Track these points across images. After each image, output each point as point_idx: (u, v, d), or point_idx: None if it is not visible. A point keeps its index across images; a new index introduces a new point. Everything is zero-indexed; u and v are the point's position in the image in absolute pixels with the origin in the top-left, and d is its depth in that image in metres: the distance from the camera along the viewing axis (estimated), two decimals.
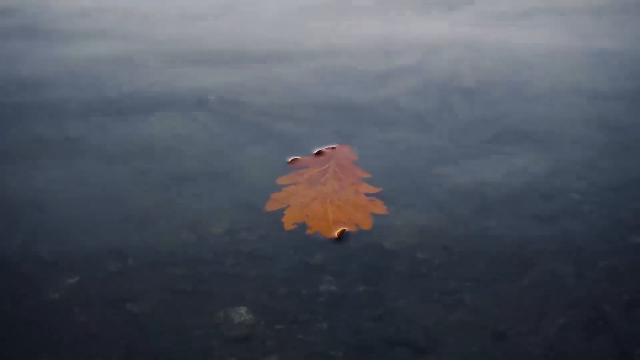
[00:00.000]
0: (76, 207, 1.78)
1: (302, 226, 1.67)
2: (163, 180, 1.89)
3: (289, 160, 1.92)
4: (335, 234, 1.64)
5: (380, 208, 1.73)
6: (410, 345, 1.36)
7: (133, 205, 1.78)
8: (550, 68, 2.61)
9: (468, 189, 1.82)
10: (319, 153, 1.94)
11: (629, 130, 2.12)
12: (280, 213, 1.72)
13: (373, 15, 3.29)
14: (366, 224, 1.67)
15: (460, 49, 2.79)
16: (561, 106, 2.30)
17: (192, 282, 1.52)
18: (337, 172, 1.85)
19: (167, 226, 1.70)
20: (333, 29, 3.09)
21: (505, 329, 1.39)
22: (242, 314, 1.44)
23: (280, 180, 1.83)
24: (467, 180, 1.86)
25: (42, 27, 3.16)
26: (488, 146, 2.03)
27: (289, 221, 1.69)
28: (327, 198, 1.74)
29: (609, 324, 1.40)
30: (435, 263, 1.57)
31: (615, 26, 3.06)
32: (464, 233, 1.66)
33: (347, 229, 1.65)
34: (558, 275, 1.52)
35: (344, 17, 3.27)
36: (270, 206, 1.74)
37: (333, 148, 1.97)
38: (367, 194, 1.77)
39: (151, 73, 2.62)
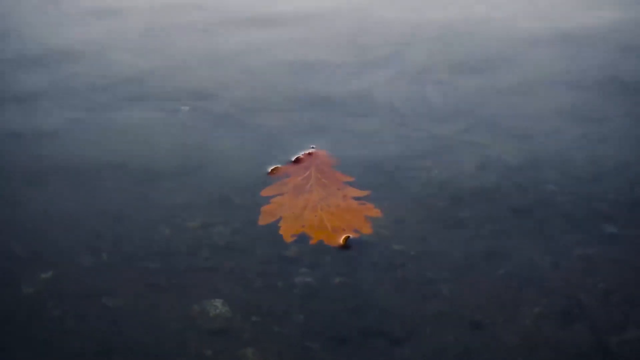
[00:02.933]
0: (50, 202, 1.77)
1: (302, 237, 1.64)
2: (137, 174, 1.88)
3: (269, 170, 1.88)
4: (341, 241, 1.61)
5: (373, 211, 1.70)
6: (387, 336, 1.36)
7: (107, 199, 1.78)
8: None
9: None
10: (297, 160, 1.90)
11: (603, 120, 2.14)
12: (274, 225, 1.68)
13: None
14: (366, 229, 1.65)
15: None
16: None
17: (166, 276, 1.52)
18: (320, 178, 1.82)
19: (142, 220, 1.69)
20: None
21: (481, 319, 1.40)
22: (217, 306, 1.43)
23: (265, 192, 1.79)
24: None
25: None
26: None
27: (287, 233, 1.63)
28: (317, 206, 1.72)
29: (585, 313, 1.41)
30: (411, 254, 1.57)
31: None
32: (440, 224, 1.66)
33: (350, 235, 1.63)
34: (534, 265, 1.53)
35: None
36: (263, 220, 1.69)
37: (310, 154, 1.93)
38: (355, 198, 1.75)
39: None
